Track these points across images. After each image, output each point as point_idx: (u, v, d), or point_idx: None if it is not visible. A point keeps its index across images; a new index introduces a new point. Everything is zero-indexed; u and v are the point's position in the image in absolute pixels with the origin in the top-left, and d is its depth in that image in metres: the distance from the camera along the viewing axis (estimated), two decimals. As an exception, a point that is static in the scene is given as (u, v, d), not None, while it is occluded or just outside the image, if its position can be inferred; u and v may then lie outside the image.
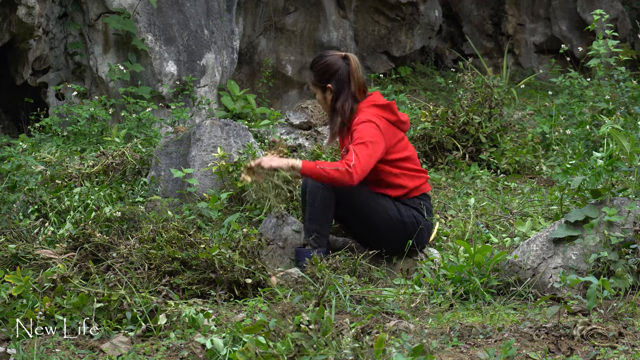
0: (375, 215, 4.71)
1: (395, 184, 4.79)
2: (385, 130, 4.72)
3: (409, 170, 4.82)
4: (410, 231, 4.75)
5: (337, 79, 4.78)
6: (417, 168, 4.87)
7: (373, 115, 4.72)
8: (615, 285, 4.08)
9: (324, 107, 4.88)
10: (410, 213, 4.78)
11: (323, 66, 4.79)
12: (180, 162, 6.07)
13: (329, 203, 4.66)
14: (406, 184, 4.80)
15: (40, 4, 8.03)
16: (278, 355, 3.14)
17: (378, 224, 4.71)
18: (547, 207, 5.84)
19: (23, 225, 5.28)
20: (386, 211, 4.73)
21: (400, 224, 4.74)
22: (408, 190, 4.82)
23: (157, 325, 3.66)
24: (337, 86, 4.77)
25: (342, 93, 4.77)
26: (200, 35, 8.93)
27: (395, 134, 4.78)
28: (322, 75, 4.79)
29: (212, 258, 4.19)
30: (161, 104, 8.62)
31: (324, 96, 4.82)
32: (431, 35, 12.01)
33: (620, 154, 4.60)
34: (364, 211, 4.72)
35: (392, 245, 4.75)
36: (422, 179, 4.88)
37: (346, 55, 4.83)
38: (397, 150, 4.77)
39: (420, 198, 4.86)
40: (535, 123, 8.39)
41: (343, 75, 4.77)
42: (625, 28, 12.41)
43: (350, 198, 4.69)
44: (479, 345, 3.54)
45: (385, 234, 4.72)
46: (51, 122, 7.67)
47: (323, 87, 4.80)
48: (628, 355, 3.36)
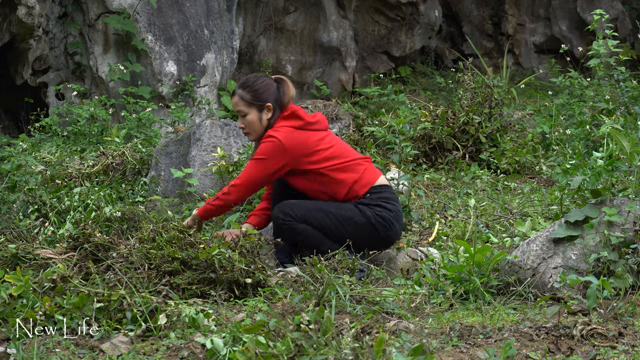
0: (345, 229, 4.70)
1: (333, 181, 4.75)
2: (292, 138, 4.71)
3: (340, 165, 4.76)
4: (381, 229, 4.75)
5: (273, 97, 4.79)
6: (348, 160, 4.79)
7: (276, 129, 4.75)
8: (615, 285, 4.08)
9: (257, 127, 4.80)
10: (373, 212, 4.73)
11: (262, 85, 4.79)
12: (180, 162, 6.08)
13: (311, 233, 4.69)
14: (342, 178, 4.75)
15: (40, 4, 8.03)
16: (278, 355, 3.14)
17: (352, 235, 4.68)
18: (547, 207, 5.84)
19: (23, 225, 5.28)
20: (352, 219, 4.71)
21: (370, 227, 4.72)
22: (352, 184, 4.75)
23: (157, 325, 3.66)
24: (274, 103, 4.78)
25: (275, 112, 4.79)
26: (200, 35, 8.93)
27: (308, 137, 4.75)
28: (260, 95, 4.78)
29: (211, 258, 4.19)
30: (161, 104, 8.62)
31: (259, 116, 4.79)
32: (431, 35, 12.01)
33: (620, 154, 4.60)
34: (335, 231, 4.70)
35: (373, 246, 4.75)
36: (361, 166, 4.80)
37: (279, 78, 4.87)
38: (320, 151, 4.74)
39: (375, 191, 4.79)
40: (535, 123, 8.39)
41: (279, 94, 4.80)
42: (625, 28, 12.41)
43: (319, 222, 4.68)
44: (479, 345, 3.54)
45: (361, 241, 4.71)
46: (51, 122, 7.67)
47: (261, 106, 4.78)
48: (628, 355, 3.36)
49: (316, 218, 4.68)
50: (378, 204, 4.76)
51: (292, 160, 4.72)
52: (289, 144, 4.70)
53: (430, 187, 6.80)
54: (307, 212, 4.67)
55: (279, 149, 4.69)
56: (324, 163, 4.75)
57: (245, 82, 4.85)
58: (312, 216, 4.67)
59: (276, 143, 4.69)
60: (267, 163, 4.70)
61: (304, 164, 4.73)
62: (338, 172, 4.76)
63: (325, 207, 4.72)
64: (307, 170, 4.74)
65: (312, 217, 4.67)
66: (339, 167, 4.76)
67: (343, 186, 4.76)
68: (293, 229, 4.64)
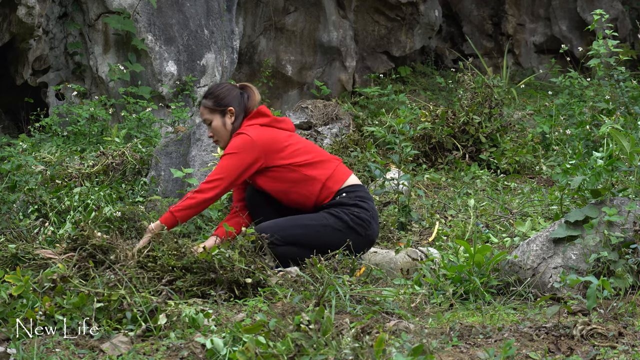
0: (325, 238, 4.66)
1: (306, 178, 4.72)
2: (261, 134, 4.71)
3: (311, 160, 4.74)
4: (360, 229, 4.72)
5: (237, 101, 4.80)
6: (318, 156, 4.78)
7: (243, 128, 4.75)
8: (615, 285, 4.08)
9: (222, 133, 4.81)
10: (349, 214, 4.71)
11: (222, 91, 4.82)
12: (180, 162, 6.08)
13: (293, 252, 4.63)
14: (315, 174, 4.72)
15: (40, 4, 8.03)
16: (278, 355, 3.14)
17: (333, 241, 4.65)
18: (547, 207, 5.85)
19: (23, 225, 5.28)
20: (330, 227, 4.68)
21: (349, 230, 4.69)
22: (325, 180, 4.72)
23: (157, 325, 3.66)
24: (238, 108, 4.80)
25: (240, 116, 4.80)
26: (200, 35, 8.94)
27: (277, 133, 4.76)
28: (221, 100, 4.79)
29: (211, 259, 4.19)
30: (161, 104, 8.62)
31: (223, 121, 4.80)
32: (431, 35, 12.01)
33: (620, 154, 4.60)
34: (316, 242, 4.64)
35: (355, 248, 4.69)
36: (331, 163, 4.78)
37: (244, 85, 4.89)
38: (289, 147, 4.73)
39: (351, 190, 4.77)
40: (535, 123, 8.39)
41: (244, 99, 4.82)
42: (625, 28, 12.41)
43: (298, 238, 4.63)
44: (479, 345, 3.54)
45: (346, 248, 4.68)
46: (51, 122, 7.67)
47: (223, 110, 4.79)
48: (628, 355, 3.37)
49: (294, 235, 4.63)
50: (356, 203, 4.74)
51: (262, 155, 4.68)
52: (258, 138, 4.69)
53: (430, 187, 6.80)
54: (284, 231, 4.61)
55: (249, 142, 4.67)
56: (295, 158, 4.72)
57: (207, 91, 4.90)
58: (291, 234, 4.62)
59: (245, 138, 4.69)
60: (238, 157, 4.66)
61: (276, 159, 4.70)
62: (309, 168, 4.73)
63: (300, 221, 4.68)
64: (279, 166, 4.70)
65: (290, 236, 4.62)
66: (310, 162, 4.74)
67: (316, 183, 4.73)
68: (274, 253, 4.57)
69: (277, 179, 4.74)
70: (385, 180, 5.76)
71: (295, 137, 4.80)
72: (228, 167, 4.65)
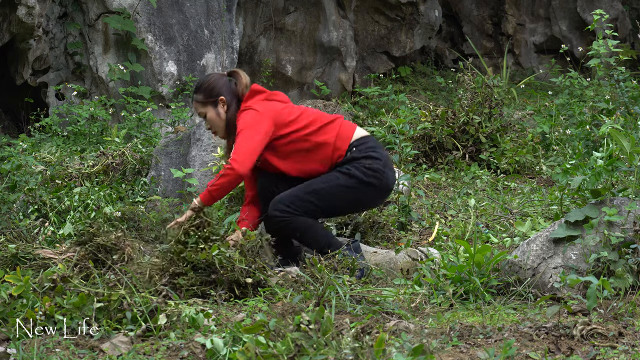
0: (342, 200, 4.72)
1: (316, 146, 4.74)
2: (265, 105, 4.73)
3: (317, 128, 4.76)
4: (375, 181, 4.74)
5: (226, 89, 4.81)
6: (321, 121, 4.79)
7: (245, 107, 4.75)
8: (615, 285, 4.08)
9: (218, 124, 4.83)
10: (361, 168, 4.73)
11: (211, 82, 4.83)
12: (180, 162, 6.08)
13: (309, 224, 4.68)
14: (324, 139, 4.74)
15: (40, 4, 8.03)
16: (278, 355, 3.14)
17: (351, 200, 4.72)
18: (547, 207, 5.85)
19: (23, 225, 5.28)
20: (344, 186, 4.71)
21: (364, 185, 4.72)
22: (334, 142, 4.74)
23: (157, 325, 3.66)
24: (229, 96, 4.81)
25: (232, 102, 4.81)
26: (200, 35, 8.94)
27: (276, 106, 4.78)
28: (211, 91, 4.81)
29: (211, 258, 4.19)
30: (161, 104, 8.62)
31: (216, 111, 4.81)
32: (431, 35, 12.01)
33: (620, 154, 4.60)
34: (333, 205, 4.73)
35: (375, 199, 4.78)
36: (335, 124, 4.80)
37: (232, 72, 4.91)
38: (293, 121, 4.75)
39: (359, 143, 4.78)
40: (535, 123, 8.39)
41: (232, 85, 4.83)
42: (625, 28, 12.41)
43: (315, 205, 4.68)
44: (479, 345, 3.54)
45: (362, 201, 4.75)
46: (51, 122, 7.67)
47: (214, 101, 4.80)
48: (628, 355, 3.36)
49: (311, 202, 4.67)
50: (367, 155, 4.74)
51: (273, 123, 4.70)
52: (264, 109, 4.72)
53: (430, 187, 6.80)
54: (299, 200, 4.66)
55: (257, 115, 4.69)
56: (301, 129, 4.74)
57: (196, 84, 4.92)
58: (307, 202, 4.67)
59: (251, 111, 4.71)
60: (254, 128, 4.66)
61: (284, 133, 4.72)
62: (317, 135, 4.75)
63: (313, 186, 4.70)
64: (289, 141, 4.72)
65: (306, 205, 4.67)
66: (316, 129, 4.76)
67: (327, 147, 4.75)
68: (291, 224, 4.64)
69: (290, 154, 4.75)
70: (385, 180, 5.75)
71: (293, 108, 4.82)
72: (249, 140, 4.64)
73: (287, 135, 4.73)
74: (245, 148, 4.62)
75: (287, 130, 4.73)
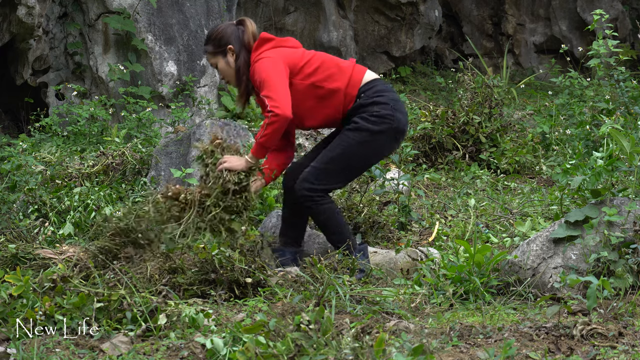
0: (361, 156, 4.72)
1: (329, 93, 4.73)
2: (275, 52, 4.72)
3: (329, 74, 4.75)
4: (386, 127, 4.71)
5: (234, 38, 4.81)
6: (334, 66, 4.78)
7: (259, 55, 4.73)
8: (615, 285, 4.08)
9: (229, 72, 4.84)
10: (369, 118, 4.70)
11: (218, 32, 4.83)
12: (180, 162, 6.08)
13: (335, 213, 4.70)
14: (336, 86, 4.73)
15: (40, 4, 8.03)
16: (278, 355, 3.14)
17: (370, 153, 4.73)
18: (547, 207, 5.85)
19: (23, 225, 5.28)
20: (359, 143, 4.69)
21: (377, 134, 4.70)
22: (345, 88, 4.72)
23: (157, 325, 3.66)
24: (237, 45, 4.80)
25: (241, 51, 4.80)
26: (200, 35, 8.94)
27: (289, 52, 4.76)
28: (219, 41, 4.81)
29: (211, 258, 4.19)
30: (161, 104, 8.62)
31: (226, 61, 4.82)
32: (431, 35, 12.01)
33: (620, 154, 4.60)
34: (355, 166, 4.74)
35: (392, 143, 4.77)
36: (347, 69, 4.78)
37: (240, 20, 4.89)
38: (305, 65, 4.74)
39: (367, 87, 4.75)
40: (535, 123, 8.39)
41: (239, 33, 4.81)
42: (625, 28, 12.41)
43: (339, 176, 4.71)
44: (479, 345, 3.54)
45: (380, 149, 4.75)
46: (51, 122, 7.67)
47: (223, 50, 4.81)
48: (628, 355, 3.37)
49: (334, 171, 4.68)
50: (373, 101, 4.71)
51: (287, 68, 4.69)
52: (276, 55, 4.70)
53: (430, 187, 6.80)
54: (323, 173, 4.66)
55: (270, 60, 4.68)
56: (313, 76, 4.73)
57: (206, 37, 4.92)
58: (330, 172, 4.68)
59: (264, 60, 4.69)
60: (274, 73, 4.63)
61: (297, 79, 4.71)
62: (330, 81, 4.74)
63: (329, 155, 4.69)
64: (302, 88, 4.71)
65: (331, 175, 4.68)
66: (329, 75, 4.74)
67: (339, 93, 4.73)
68: (320, 206, 4.66)
69: (303, 101, 4.72)
70: (385, 180, 5.76)
71: (305, 53, 4.80)
72: (276, 84, 4.61)
73: (300, 81, 4.72)
74: (277, 92, 4.59)
75: (299, 77, 4.72)
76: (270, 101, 4.57)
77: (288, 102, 4.58)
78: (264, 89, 4.62)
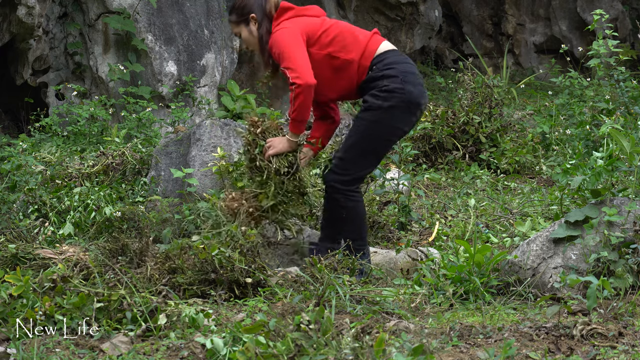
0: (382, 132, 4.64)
1: (345, 63, 4.68)
2: (293, 22, 4.70)
3: (346, 44, 4.70)
4: (398, 101, 4.63)
5: (257, 6, 4.80)
6: (351, 36, 4.73)
7: (277, 25, 4.72)
8: (615, 285, 4.08)
9: (252, 41, 4.83)
10: (380, 94, 4.63)
11: (242, 2, 4.82)
12: (180, 162, 6.08)
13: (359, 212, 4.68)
14: (351, 57, 4.67)
15: (40, 4, 8.03)
16: (278, 355, 3.14)
17: (389, 129, 4.65)
18: (547, 207, 5.85)
19: (23, 225, 5.28)
20: (376, 122, 4.63)
21: (390, 109, 4.62)
22: (359, 59, 4.67)
23: (157, 325, 3.66)
24: (259, 13, 4.79)
25: (263, 19, 4.78)
26: (200, 35, 8.93)
27: (307, 21, 4.73)
28: (242, 9, 4.81)
29: (211, 258, 4.20)
30: (161, 104, 8.62)
31: (249, 29, 4.81)
32: (431, 35, 12.01)
33: (620, 154, 4.60)
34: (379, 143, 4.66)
35: (410, 114, 4.67)
36: (363, 39, 4.72)
37: None
38: (322, 37, 4.70)
39: (379, 60, 4.69)
40: (535, 123, 8.39)
41: (262, 2, 4.79)
42: (625, 28, 12.41)
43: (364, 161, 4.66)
44: (479, 345, 3.54)
45: (398, 123, 4.66)
46: (51, 122, 7.67)
47: (246, 19, 4.81)
48: (628, 355, 3.37)
49: (358, 157, 4.63)
50: (383, 74, 4.64)
51: (304, 37, 4.66)
52: (293, 25, 4.67)
53: (430, 187, 6.80)
54: (349, 163, 4.62)
55: (287, 31, 4.65)
56: (331, 46, 4.68)
57: (230, 7, 4.92)
58: (355, 160, 4.64)
59: (280, 30, 4.66)
60: (292, 43, 4.60)
61: (314, 49, 4.67)
62: (346, 52, 4.68)
63: (349, 142, 4.65)
64: (319, 58, 4.67)
65: (356, 162, 4.64)
66: (345, 46, 4.69)
67: (354, 64, 4.67)
68: (347, 202, 4.62)
69: (321, 72, 4.67)
70: (385, 180, 5.76)
71: (324, 22, 4.76)
72: (295, 53, 4.58)
73: (317, 51, 4.68)
74: (295, 62, 4.55)
75: (316, 47, 4.68)
76: (291, 72, 4.53)
77: (309, 69, 4.53)
78: (283, 61, 4.58)
